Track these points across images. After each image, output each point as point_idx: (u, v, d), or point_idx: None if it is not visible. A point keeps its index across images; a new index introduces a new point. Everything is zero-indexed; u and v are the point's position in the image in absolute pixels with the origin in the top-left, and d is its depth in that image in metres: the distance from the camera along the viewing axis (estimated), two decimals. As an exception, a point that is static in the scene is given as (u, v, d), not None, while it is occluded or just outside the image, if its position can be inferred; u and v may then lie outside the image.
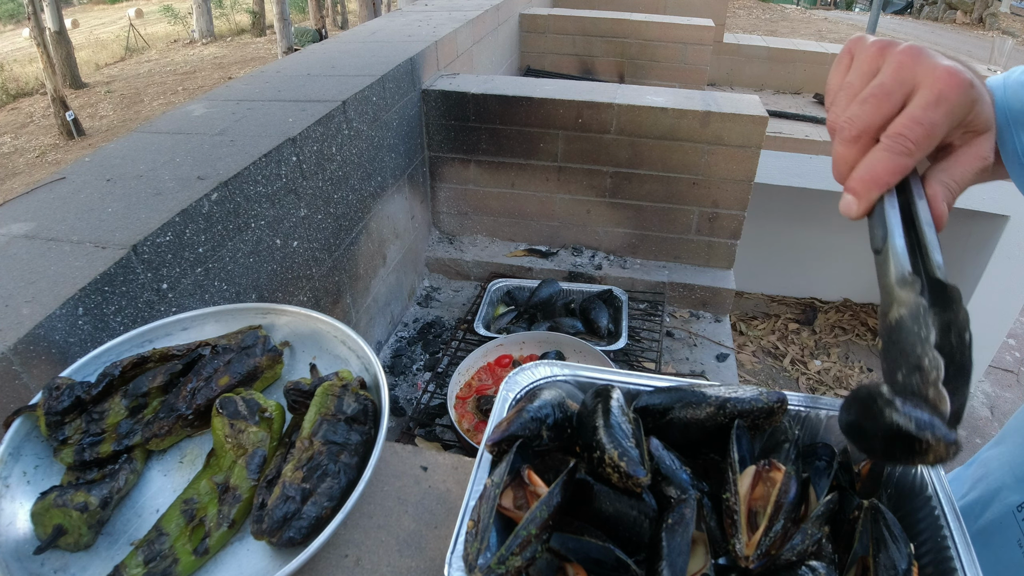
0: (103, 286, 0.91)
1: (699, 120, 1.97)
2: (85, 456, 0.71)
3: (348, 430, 0.72)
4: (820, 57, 4.38)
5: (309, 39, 13.10)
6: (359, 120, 1.66)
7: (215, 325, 0.88)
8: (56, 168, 7.84)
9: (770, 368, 3.74)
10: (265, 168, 1.28)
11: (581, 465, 0.60)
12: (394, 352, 2.00)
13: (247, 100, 1.59)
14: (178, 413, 0.75)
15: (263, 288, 1.31)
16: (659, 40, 3.58)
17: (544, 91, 2.08)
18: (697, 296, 2.20)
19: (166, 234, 1.03)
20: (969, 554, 0.54)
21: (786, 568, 0.53)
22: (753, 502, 0.57)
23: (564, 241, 2.32)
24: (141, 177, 1.18)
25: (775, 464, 0.58)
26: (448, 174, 2.26)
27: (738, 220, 2.12)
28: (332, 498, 0.66)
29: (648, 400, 0.68)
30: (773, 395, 0.64)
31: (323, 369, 0.84)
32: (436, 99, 2.11)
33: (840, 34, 14.18)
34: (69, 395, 0.72)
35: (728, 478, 0.58)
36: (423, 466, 0.80)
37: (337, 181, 1.58)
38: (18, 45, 17.13)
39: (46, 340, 0.82)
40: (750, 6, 17.66)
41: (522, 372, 0.72)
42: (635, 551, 0.56)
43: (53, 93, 9.83)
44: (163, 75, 13.32)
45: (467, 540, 0.53)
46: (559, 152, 2.13)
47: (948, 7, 17.96)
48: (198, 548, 0.64)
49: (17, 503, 0.67)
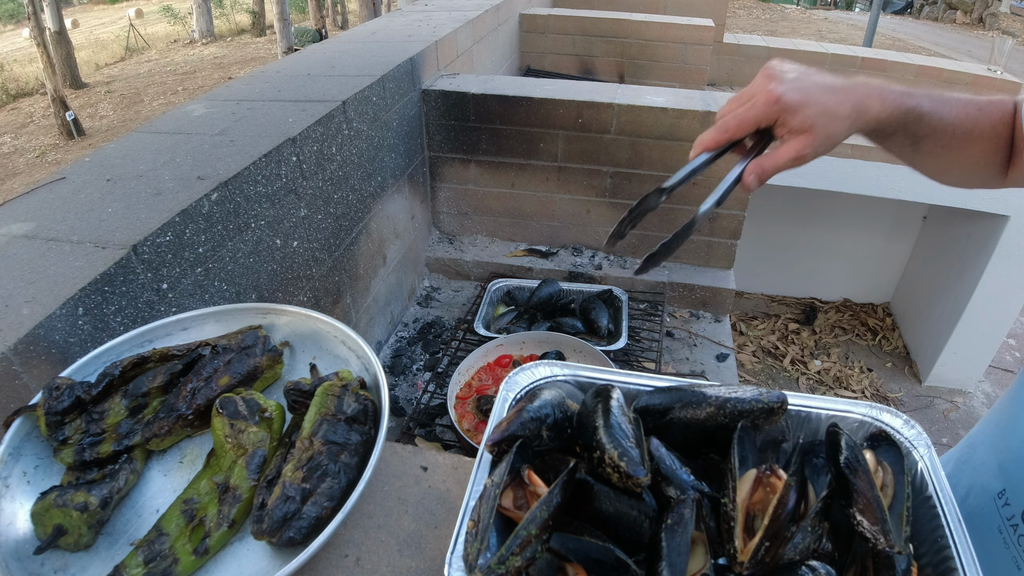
0: (103, 286, 0.91)
1: (699, 120, 1.97)
2: (85, 456, 0.71)
3: (348, 430, 0.72)
4: (820, 57, 4.37)
5: (309, 39, 13.09)
6: (359, 120, 1.66)
7: (215, 325, 0.88)
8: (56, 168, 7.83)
9: (770, 368, 3.74)
10: (265, 168, 1.28)
11: (581, 465, 0.60)
12: (394, 352, 2.00)
13: (247, 100, 1.59)
14: (178, 413, 0.75)
15: (263, 288, 1.31)
16: (659, 40, 3.58)
17: (544, 91, 2.08)
18: (697, 296, 2.20)
19: (166, 234, 1.03)
20: (969, 554, 0.54)
21: (787, 568, 0.53)
22: (752, 506, 0.57)
23: (564, 241, 2.32)
24: (141, 177, 1.18)
25: (776, 471, 0.58)
26: (448, 174, 2.26)
27: (738, 220, 2.12)
28: (332, 498, 0.66)
29: (648, 400, 0.68)
30: (773, 395, 0.64)
31: (323, 369, 0.84)
32: (436, 99, 2.11)
33: (840, 34, 14.17)
34: (69, 395, 0.72)
35: (727, 483, 0.58)
36: (423, 466, 0.80)
37: (337, 181, 1.58)
38: (18, 45, 17.13)
39: (46, 340, 0.82)
40: (750, 6, 17.66)
41: (522, 372, 0.72)
42: (635, 551, 0.56)
43: (53, 93, 9.83)
44: (163, 75, 13.32)
45: (467, 540, 0.53)
46: (559, 152, 2.13)
47: (948, 7, 17.95)
48: (198, 548, 0.64)
49: (17, 503, 0.67)
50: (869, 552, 0.55)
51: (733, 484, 0.57)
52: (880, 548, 0.52)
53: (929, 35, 15.34)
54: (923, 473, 0.61)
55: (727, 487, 0.58)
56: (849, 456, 0.59)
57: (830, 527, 0.58)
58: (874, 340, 4.02)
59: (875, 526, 0.53)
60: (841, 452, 0.59)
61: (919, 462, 0.62)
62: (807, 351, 3.90)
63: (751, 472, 0.59)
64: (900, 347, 3.95)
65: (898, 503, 0.57)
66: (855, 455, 0.59)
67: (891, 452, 0.62)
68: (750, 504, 0.57)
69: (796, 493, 0.56)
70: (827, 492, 0.58)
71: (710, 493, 0.60)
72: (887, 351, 3.95)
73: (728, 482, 0.58)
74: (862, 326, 4.12)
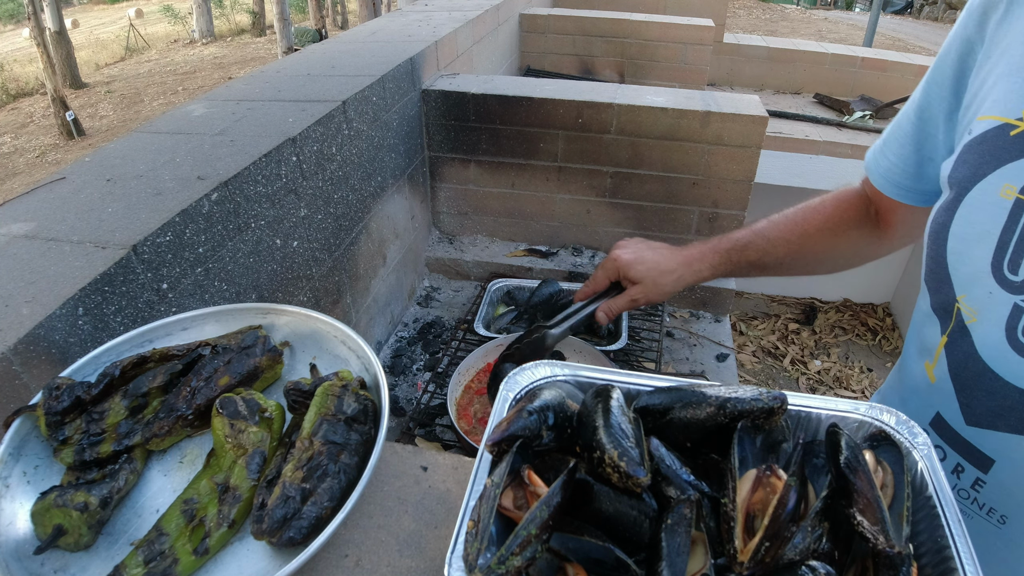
0: (103, 286, 0.91)
1: (699, 120, 1.97)
2: (85, 456, 0.71)
3: (348, 430, 0.72)
4: (820, 57, 4.38)
5: (309, 39, 13.10)
6: (359, 120, 1.66)
7: (215, 325, 0.88)
8: (56, 168, 7.83)
9: (770, 368, 3.74)
10: (265, 168, 1.28)
11: (581, 465, 0.60)
12: (394, 352, 2.00)
13: (247, 100, 1.59)
14: (178, 413, 0.75)
15: (263, 288, 1.31)
16: (659, 40, 3.58)
17: (544, 91, 2.08)
18: (697, 296, 2.20)
19: (166, 234, 1.03)
20: (969, 554, 0.54)
21: (787, 568, 0.53)
22: (752, 506, 0.57)
23: (564, 241, 2.32)
24: (141, 177, 1.18)
25: (776, 471, 0.58)
26: (448, 174, 2.26)
27: (738, 220, 2.12)
28: (332, 498, 0.66)
29: (648, 400, 0.68)
30: (773, 395, 0.64)
31: (323, 369, 0.84)
32: (436, 99, 2.11)
33: (840, 34, 14.17)
34: (69, 395, 0.72)
35: (727, 483, 0.58)
36: (423, 466, 0.80)
37: (337, 181, 1.58)
38: (18, 45, 17.14)
39: (46, 340, 0.82)
40: (750, 6, 17.65)
41: (522, 372, 0.72)
42: (635, 551, 0.56)
43: (53, 93, 9.84)
44: (163, 75, 13.33)
45: (467, 540, 0.53)
46: (559, 152, 2.13)
47: (948, 7, 17.96)
48: (198, 548, 0.64)
49: (17, 503, 0.67)
50: (869, 552, 0.55)
51: (733, 484, 0.57)
52: (880, 548, 0.52)
53: (929, 35, 15.33)
54: (923, 473, 0.61)
55: (727, 487, 0.57)
56: (849, 456, 0.59)
57: (830, 527, 0.58)
58: (874, 340, 4.02)
59: (875, 526, 0.53)
60: (841, 452, 0.59)
61: (919, 462, 0.62)
62: (807, 351, 3.90)
63: (751, 472, 0.59)
64: (900, 347, 3.95)
65: (898, 503, 0.57)
66: (855, 455, 0.59)
67: (891, 452, 0.63)
68: (750, 504, 0.57)
69: (796, 493, 0.56)
70: (827, 492, 0.58)
71: (710, 493, 0.60)
72: (887, 351, 3.95)
73: (728, 482, 0.58)
74: (862, 326, 4.12)
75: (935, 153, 0.81)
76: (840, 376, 3.70)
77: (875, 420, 0.67)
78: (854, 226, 0.97)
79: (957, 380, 0.74)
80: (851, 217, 0.97)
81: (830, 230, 0.98)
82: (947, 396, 0.75)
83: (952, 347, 0.73)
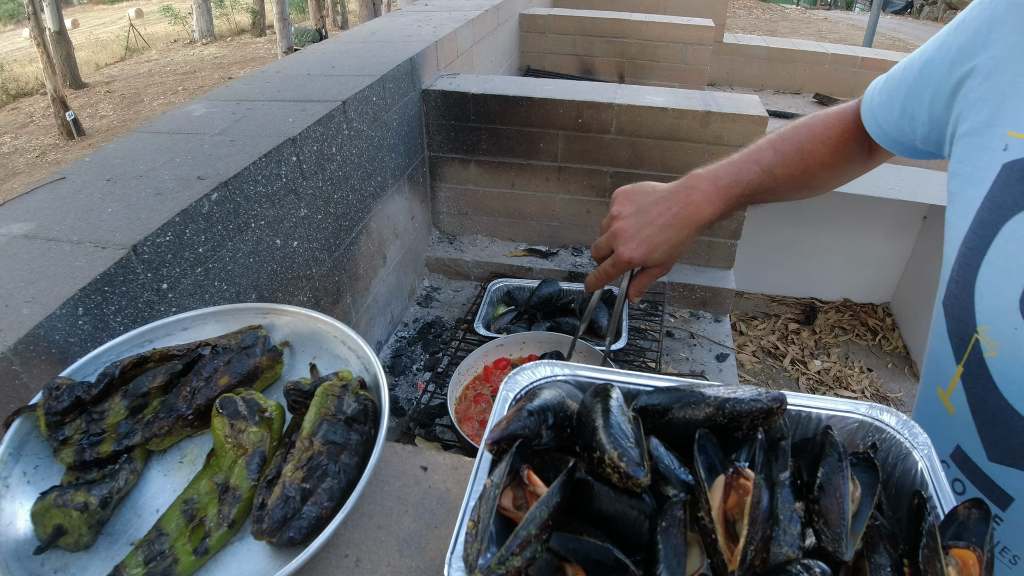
0: (103, 286, 0.91)
1: (699, 120, 1.97)
2: (85, 456, 0.71)
3: (348, 430, 0.72)
4: (820, 57, 4.37)
5: (309, 39, 13.10)
6: (359, 120, 1.66)
7: (215, 325, 0.88)
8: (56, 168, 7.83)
9: (770, 368, 3.74)
10: (265, 168, 1.28)
11: (581, 465, 0.60)
12: (394, 352, 2.00)
13: (247, 100, 1.59)
14: (178, 413, 0.75)
15: (263, 288, 1.31)
16: (659, 40, 3.58)
17: (544, 91, 2.08)
18: (697, 296, 2.20)
19: (166, 234, 1.03)
20: (968, 554, 0.54)
21: (781, 569, 0.53)
22: (730, 511, 0.56)
23: (564, 241, 2.32)
24: (141, 177, 1.18)
25: (743, 472, 0.57)
26: (448, 174, 2.26)
27: (738, 220, 2.12)
28: (332, 498, 0.66)
29: (648, 400, 0.68)
30: (772, 395, 0.64)
31: (323, 369, 0.84)
32: (436, 99, 2.11)
33: (840, 34, 14.16)
34: (69, 395, 0.72)
35: (699, 496, 0.57)
36: (423, 466, 0.80)
37: (337, 181, 1.58)
38: (18, 45, 17.14)
39: (46, 340, 0.82)
40: (750, 6, 17.63)
41: (522, 372, 0.72)
42: (635, 551, 0.55)
43: (53, 93, 9.83)
44: (163, 75, 13.32)
45: (467, 540, 0.53)
46: (559, 152, 2.13)
47: (948, 7, 17.94)
48: (198, 548, 0.65)
49: (17, 503, 0.67)
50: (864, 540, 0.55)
51: (705, 496, 0.57)
52: (824, 545, 0.53)
53: (929, 35, 15.25)
54: (923, 473, 0.61)
55: (700, 500, 0.57)
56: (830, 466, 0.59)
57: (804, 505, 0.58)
58: (874, 340, 4.02)
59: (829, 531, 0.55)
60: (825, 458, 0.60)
61: (919, 462, 0.62)
62: (807, 351, 3.90)
63: (720, 479, 0.58)
64: (900, 347, 3.95)
65: (859, 522, 0.57)
66: (840, 459, 0.59)
67: (868, 474, 0.61)
68: (727, 510, 0.56)
69: (768, 490, 0.56)
70: (790, 473, 0.59)
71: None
72: (887, 351, 3.95)
73: (700, 495, 0.57)
74: (862, 326, 4.12)
75: (918, 111, 0.80)
76: (840, 376, 3.70)
77: (875, 420, 0.67)
78: (853, 158, 0.96)
79: (977, 415, 0.71)
80: (852, 149, 0.96)
81: (831, 165, 0.96)
82: (967, 429, 0.72)
83: (970, 380, 0.70)
